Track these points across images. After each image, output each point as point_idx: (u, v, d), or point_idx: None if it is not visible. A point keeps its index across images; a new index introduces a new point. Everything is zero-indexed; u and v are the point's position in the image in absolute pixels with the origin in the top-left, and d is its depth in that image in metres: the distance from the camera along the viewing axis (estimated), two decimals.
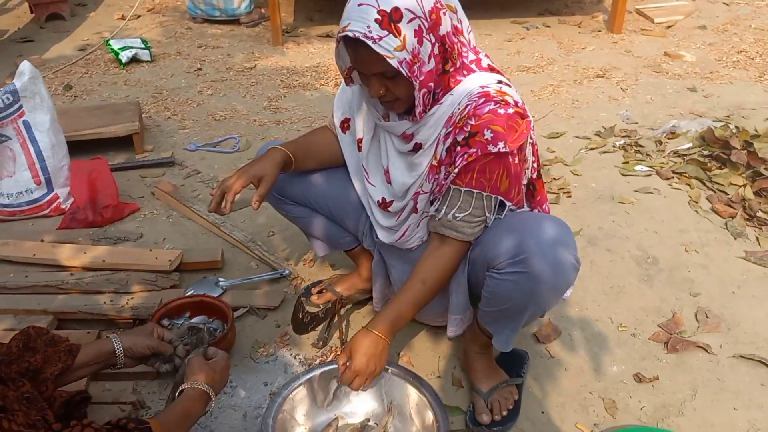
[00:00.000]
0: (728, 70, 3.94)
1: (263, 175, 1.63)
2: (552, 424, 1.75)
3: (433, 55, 1.44)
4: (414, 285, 1.60)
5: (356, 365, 1.54)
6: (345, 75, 1.58)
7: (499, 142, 1.44)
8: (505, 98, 1.49)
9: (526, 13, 5.04)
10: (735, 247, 2.41)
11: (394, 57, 1.37)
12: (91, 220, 2.56)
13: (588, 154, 3.04)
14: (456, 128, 1.50)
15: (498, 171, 1.49)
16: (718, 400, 1.82)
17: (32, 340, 1.40)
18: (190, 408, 1.37)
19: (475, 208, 1.54)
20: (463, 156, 1.48)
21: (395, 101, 1.52)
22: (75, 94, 3.77)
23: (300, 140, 1.83)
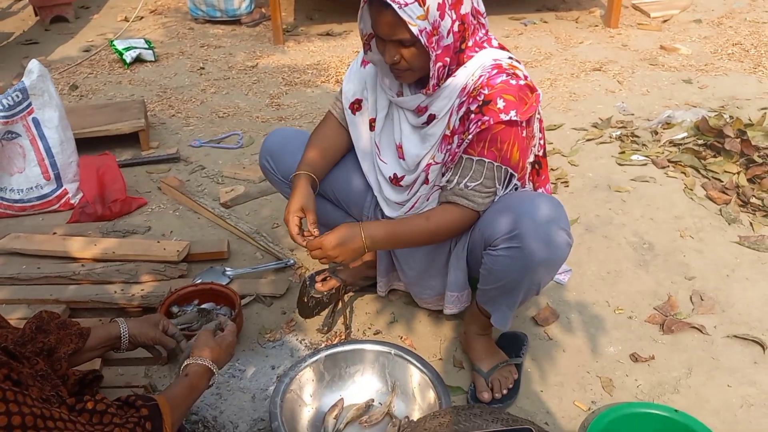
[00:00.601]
0: (723, 62, 3.99)
1: (304, 207, 1.71)
2: (550, 401, 1.81)
3: (452, 32, 1.51)
4: (417, 218, 1.67)
5: (324, 239, 1.61)
6: (364, 41, 1.65)
7: (511, 111, 1.52)
8: (516, 72, 1.57)
9: (523, 9, 5.09)
10: (729, 233, 2.46)
11: (416, 25, 1.45)
12: (101, 214, 2.62)
13: (585, 145, 3.10)
14: (469, 97, 1.57)
15: (509, 141, 1.55)
16: (712, 377, 1.87)
17: (45, 323, 1.46)
18: (194, 383, 1.41)
19: (486, 179, 1.60)
20: (476, 123, 1.55)
21: (407, 71, 1.58)
22: (81, 93, 3.84)
23: (314, 151, 1.84)
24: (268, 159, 1.97)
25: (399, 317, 2.11)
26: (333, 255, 1.63)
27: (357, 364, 1.84)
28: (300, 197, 1.73)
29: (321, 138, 1.88)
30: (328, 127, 1.91)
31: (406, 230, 1.67)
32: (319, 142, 1.87)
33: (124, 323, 1.60)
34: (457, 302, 1.84)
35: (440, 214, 1.67)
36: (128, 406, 1.22)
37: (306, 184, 1.76)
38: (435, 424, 1.51)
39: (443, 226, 1.66)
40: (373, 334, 2.06)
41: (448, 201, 1.67)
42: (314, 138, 1.89)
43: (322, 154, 1.85)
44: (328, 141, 1.88)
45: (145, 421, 1.18)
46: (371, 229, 1.65)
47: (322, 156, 1.85)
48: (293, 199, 1.73)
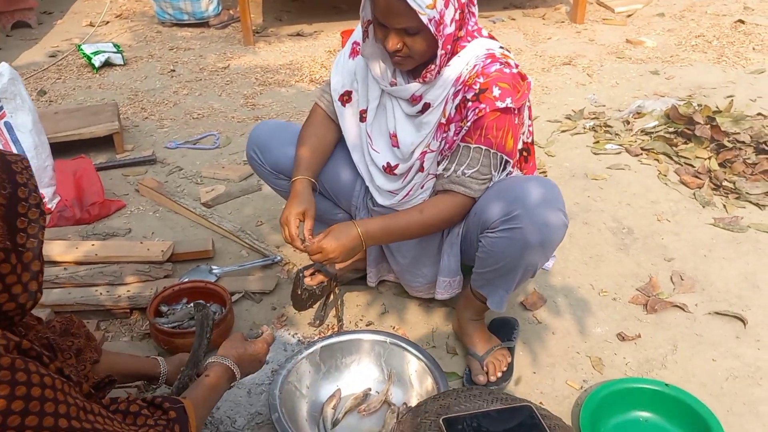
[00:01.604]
0: (688, 54, 4.11)
1: (306, 211, 1.72)
2: (543, 382, 1.84)
3: (454, 20, 1.54)
4: (411, 211, 1.70)
5: (325, 243, 1.62)
6: (363, 29, 1.66)
7: (507, 98, 1.56)
8: (508, 60, 1.61)
9: (491, 7, 5.16)
10: (704, 215, 2.54)
11: (425, 14, 1.47)
12: (79, 218, 2.58)
13: (560, 136, 3.15)
14: (465, 86, 1.60)
15: (504, 128, 1.59)
16: (697, 352, 1.93)
17: (75, 327, 1.46)
18: (216, 384, 1.40)
19: (483, 166, 1.63)
20: (474, 111, 1.58)
21: (407, 58, 1.60)
22: (50, 99, 3.77)
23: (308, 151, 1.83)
24: (255, 150, 1.97)
25: (390, 308, 2.13)
26: (334, 256, 1.64)
27: (353, 354, 1.84)
28: (302, 202, 1.73)
29: (312, 136, 1.87)
30: (317, 122, 1.90)
31: (400, 224, 1.70)
32: (311, 140, 1.86)
33: (164, 364, 1.63)
34: (449, 288, 1.86)
35: (434, 205, 1.70)
36: (155, 408, 1.21)
37: (308, 188, 1.76)
38: (436, 407, 1.52)
39: (438, 216, 1.69)
40: (365, 325, 2.07)
41: (444, 189, 1.69)
42: (305, 136, 1.87)
43: (316, 153, 1.85)
44: (320, 138, 1.88)
45: (173, 423, 1.17)
46: (367, 226, 1.67)
47: (315, 155, 1.84)
48: (295, 201, 1.72)
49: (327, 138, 1.89)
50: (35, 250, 1.05)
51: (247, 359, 1.52)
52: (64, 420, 0.97)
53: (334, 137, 1.91)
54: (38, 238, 1.05)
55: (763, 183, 2.62)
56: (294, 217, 1.69)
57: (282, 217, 1.71)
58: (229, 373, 1.46)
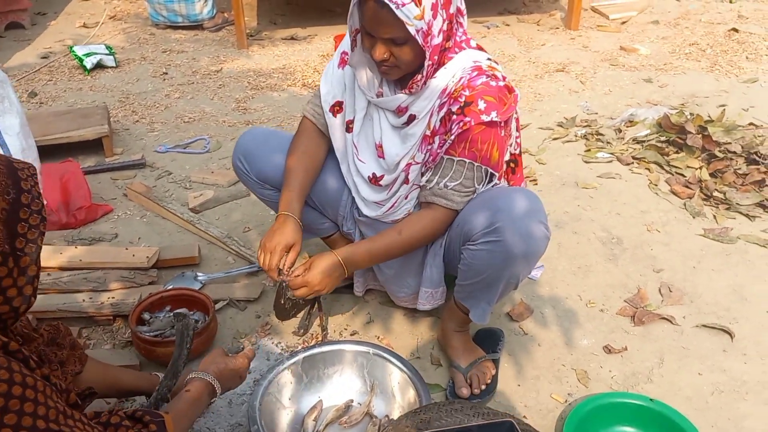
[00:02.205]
0: (681, 62, 4.10)
1: (294, 245, 1.70)
2: (528, 395, 1.83)
3: (441, 31, 1.53)
4: (390, 233, 1.69)
5: (309, 277, 1.62)
6: (351, 37, 1.64)
7: (492, 112, 1.54)
8: (495, 73, 1.59)
9: (485, 12, 5.15)
10: (694, 225, 2.52)
11: (413, 25, 1.45)
12: (65, 222, 2.56)
13: (552, 144, 3.14)
14: (450, 99, 1.59)
15: (489, 141, 1.58)
16: (683, 366, 1.91)
17: (61, 337, 1.44)
18: (196, 399, 1.40)
19: (466, 178, 1.62)
20: (459, 124, 1.56)
21: (393, 68, 1.58)
22: (40, 100, 3.75)
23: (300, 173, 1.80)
24: (241, 159, 1.95)
25: (375, 317, 2.11)
26: (320, 288, 1.65)
27: (335, 364, 1.83)
28: (293, 236, 1.70)
29: (303, 155, 1.82)
30: (307, 137, 1.86)
31: (380, 247, 1.70)
32: (302, 160, 1.81)
33: None
34: (431, 299, 1.85)
35: (413, 223, 1.69)
36: (135, 421, 1.20)
37: (298, 225, 1.73)
38: (417, 421, 1.50)
39: (417, 235, 1.69)
40: (349, 334, 2.05)
41: (426, 201, 1.68)
42: (296, 155, 1.82)
43: (307, 175, 1.81)
44: (311, 157, 1.83)
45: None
46: (346, 254, 1.67)
47: (306, 178, 1.81)
48: (285, 233, 1.69)
49: (317, 156, 1.86)
50: (33, 255, 1.07)
51: (228, 374, 1.52)
52: (42, 421, 0.98)
53: (324, 152, 1.88)
54: (37, 244, 1.08)
55: (753, 194, 2.61)
56: (282, 248, 1.67)
57: (268, 242, 1.68)
58: (209, 389, 1.46)
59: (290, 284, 1.66)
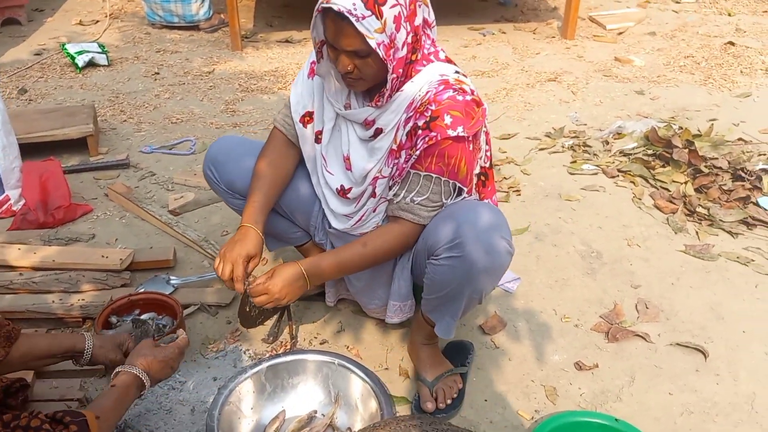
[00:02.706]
0: (675, 74, 4.07)
1: (254, 256, 1.68)
2: (494, 411, 1.80)
3: (406, 43, 1.50)
4: (354, 245, 1.66)
5: (270, 285, 1.60)
6: (317, 49, 1.62)
7: (458, 127, 1.52)
8: (463, 86, 1.57)
9: (482, 19, 5.13)
10: (675, 241, 2.50)
11: (374, 38, 1.43)
12: (42, 221, 2.55)
13: (538, 155, 3.12)
14: (417, 113, 1.57)
15: (456, 156, 1.55)
16: (654, 385, 1.89)
17: None
18: (122, 394, 1.39)
19: (433, 193, 1.60)
20: (424, 139, 1.54)
21: (359, 80, 1.56)
22: (30, 98, 3.74)
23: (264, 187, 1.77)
24: (211, 168, 1.93)
25: (346, 326, 2.09)
26: (280, 297, 1.62)
27: (300, 374, 1.81)
28: (247, 244, 1.67)
29: (269, 166, 1.79)
30: (275, 149, 1.83)
31: (344, 259, 1.67)
32: (267, 173, 1.78)
33: (90, 339, 1.59)
34: (400, 312, 1.83)
35: (379, 236, 1.67)
36: (57, 423, 1.19)
37: (255, 233, 1.70)
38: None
39: (383, 248, 1.66)
40: (319, 343, 2.03)
41: (393, 215, 1.67)
42: (262, 167, 1.79)
43: (271, 190, 1.78)
44: (277, 169, 1.80)
45: None
46: (309, 266, 1.64)
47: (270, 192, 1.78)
48: (246, 244, 1.67)
49: (284, 168, 1.83)
50: None
51: (157, 366, 1.50)
52: None
53: (293, 163, 1.86)
54: None
55: (737, 210, 2.58)
56: (243, 259, 1.65)
57: (228, 252, 1.65)
58: (137, 382, 1.44)
59: (251, 292, 1.64)
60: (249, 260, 1.66)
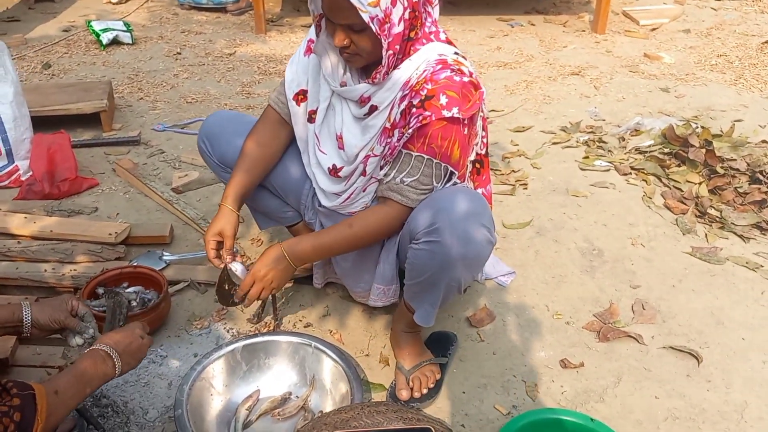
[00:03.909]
0: (705, 73, 3.94)
1: (222, 231, 1.72)
2: (470, 403, 1.76)
3: (403, 19, 1.46)
4: (340, 226, 1.64)
5: (255, 270, 1.61)
6: (315, 23, 1.59)
7: (453, 107, 1.48)
8: (461, 68, 1.52)
9: (512, 10, 5.05)
10: (682, 243, 2.41)
11: (367, 11, 1.40)
12: (47, 192, 2.58)
13: (550, 149, 3.05)
14: (412, 91, 1.53)
15: (449, 138, 1.51)
16: (640, 388, 1.83)
17: None
18: (87, 369, 1.31)
19: (424, 175, 1.56)
20: (417, 118, 1.50)
21: (355, 55, 1.53)
22: (53, 72, 3.81)
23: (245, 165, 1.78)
24: (205, 141, 1.93)
25: (332, 311, 2.07)
26: (267, 281, 1.62)
27: (276, 355, 1.79)
28: (219, 222, 1.72)
29: (257, 144, 1.79)
30: (265, 128, 1.82)
31: (328, 240, 1.65)
32: (254, 150, 1.79)
33: (27, 306, 1.48)
34: (383, 296, 1.80)
35: (365, 218, 1.65)
36: (4, 392, 1.15)
37: (229, 212, 1.74)
38: (335, 420, 1.46)
39: (368, 229, 1.64)
40: (303, 326, 2.02)
41: (382, 196, 1.64)
42: (250, 142, 1.80)
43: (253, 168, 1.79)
44: (263, 148, 1.80)
45: (14, 411, 1.11)
46: (293, 246, 1.63)
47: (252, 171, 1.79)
48: (213, 222, 1.73)
49: (273, 147, 1.82)
50: None
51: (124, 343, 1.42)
52: None
53: (283, 143, 1.84)
54: None
55: (751, 214, 2.48)
56: (210, 237, 1.70)
57: (206, 234, 1.72)
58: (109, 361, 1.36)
59: (242, 287, 1.65)
60: (222, 236, 1.67)
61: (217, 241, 1.70)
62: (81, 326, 1.54)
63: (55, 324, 1.53)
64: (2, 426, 1.08)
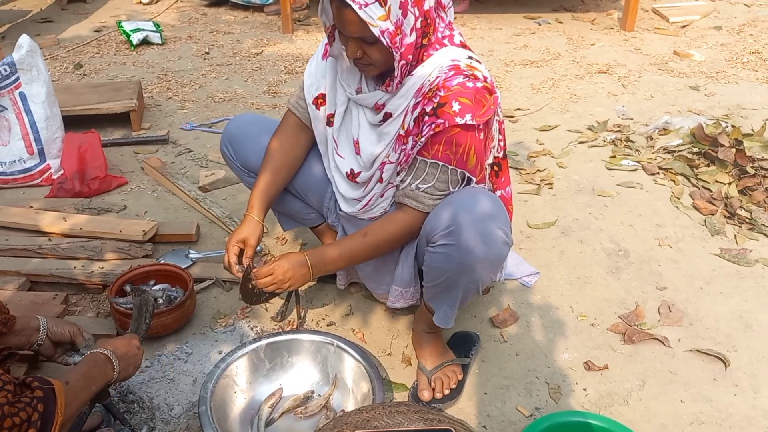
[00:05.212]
0: (736, 71, 3.87)
1: (246, 239, 1.74)
2: (492, 405, 1.76)
3: (415, 29, 1.46)
4: (355, 236, 1.67)
5: (276, 266, 1.64)
6: (328, 33, 1.60)
7: (467, 114, 1.47)
8: (475, 73, 1.51)
9: (540, 8, 5.00)
10: (711, 244, 2.37)
11: (377, 26, 1.40)
12: (78, 191, 2.64)
13: (577, 148, 3.02)
14: (425, 99, 1.53)
15: (464, 144, 1.51)
16: (666, 391, 1.80)
17: None
18: (91, 369, 1.38)
19: (439, 182, 1.56)
20: (430, 126, 1.50)
21: (369, 65, 1.54)
22: (84, 72, 3.88)
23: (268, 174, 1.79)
24: (227, 145, 1.95)
25: (355, 310, 2.08)
26: (284, 280, 1.65)
27: (298, 353, 1.81)
28: (244, 230, 1.74)
29: (277, 153, 1.81)
30: (287, 133, 1.83)
31: (347, 251, 1.67)
32: (274, 159, 1.80)
33: (44, 319, 1.57)
34: (401, 298, 1.80)
35: (380, 226, 1.66)
36: (24, 387, 1.19)
37: (255, 222, 1.76)
38: (357, 419, 1.47)
39: (384, 237, 1.65)
40: (327, 325, 2.03)
41: (399, 202, 1.65)
42: (271, 153, 1.81)
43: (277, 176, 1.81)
44: (285, 154, 1.81)
45: (37, 402, 1.15)
46: (315, 256, 1.66)
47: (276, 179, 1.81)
48: (238, 230, 1.76)
49: (294, 152, 1.84)
50: None
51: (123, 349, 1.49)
52: None
53: (304, 148, 1.86)
54: None
55: None
56: (234, 243, 1.72)
57: (227, 242, 1.75)
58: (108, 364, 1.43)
59: (257, 274, 1.67)
60: (244, 244, 1.72)
61: (239, 248, 1.73)
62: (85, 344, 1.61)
63: (68, 334, 1.59)
64: (26, 414, 1.12)
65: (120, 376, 1.46)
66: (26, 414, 1.11)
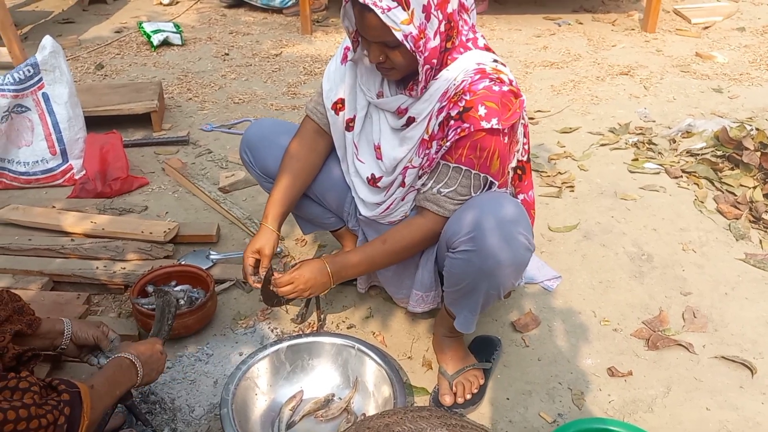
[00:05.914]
0: (760, 72, 3.81)
1: (261, 250, 1.75)
2: (515, 410, 1.74)
3: (438, 32, 1.45)
4: (374, 243, 1.66)
5: (297, 275, 1.63)
6: (352, 38, 1.59)
7: (493, 119, 1.45)
8: (500, 76, 1.50)
9: (560, 9, 4.97)
10: (735, 249, 2.34)
11: (400, 30, 1.38)
12: (100, 191, 2.65)
13: (598, 150, 2.99)
14: (450, 103, 1.51)
15: (489, 149, 1.49)
16: (691, 398, 1.78)
17: (3, 303, 1.44)
18: (116, 374, 1.40)
19: (461, 186, 1.55)
20: (456, 130, 1.49)
21: (391, 70, 1.52)
22: (105, 73, 3.91)
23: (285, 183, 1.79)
24: (247, 151, 1.94)
25: (375, 313, 2.07)
26: (304, 288, 1.65)
27: (319, 356, 1.80)
28: (259, 241, 1.75)
29: (294, 160, 1.81)
30: (305, 139, 1.82)
31: (367, 258, 1.67)
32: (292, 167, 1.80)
33: (68, 321, 1.57)
34: (422, 302, 1.79)
35: (398, 232, 1.65)
36: (51, 389, 1.20)
37: (270, 232, 1.76)
38: (379, 424, 1.46)
39: (402, 243, 1.64)
40: (347, 328, 2.02)
41: (419, 206, 1.64)
42: (288, 162, 1.81)
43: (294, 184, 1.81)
44: (302, 162, 1.81)
45: (64, 405, 1.15)
46: (333, 265, 1.65)
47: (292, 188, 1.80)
48: (253, 240, 1.77)
49: (312, 158, 1.83)
50: None
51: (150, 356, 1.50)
52: None
53: (321, 154, 1.85)
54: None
55: None
56: (249, 254, 1.73)
57: (245, 252, 1.76)
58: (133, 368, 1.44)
59: (278, 282, 1.67)
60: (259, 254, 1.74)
61: (255, 258, 1.74)
62: (110, 347, 1.59)
63: (92, 338, 1.58)
64: (53, 417, 1.12)
65: (143, 381, 1.47)
66: (53, 416, 1.11)
